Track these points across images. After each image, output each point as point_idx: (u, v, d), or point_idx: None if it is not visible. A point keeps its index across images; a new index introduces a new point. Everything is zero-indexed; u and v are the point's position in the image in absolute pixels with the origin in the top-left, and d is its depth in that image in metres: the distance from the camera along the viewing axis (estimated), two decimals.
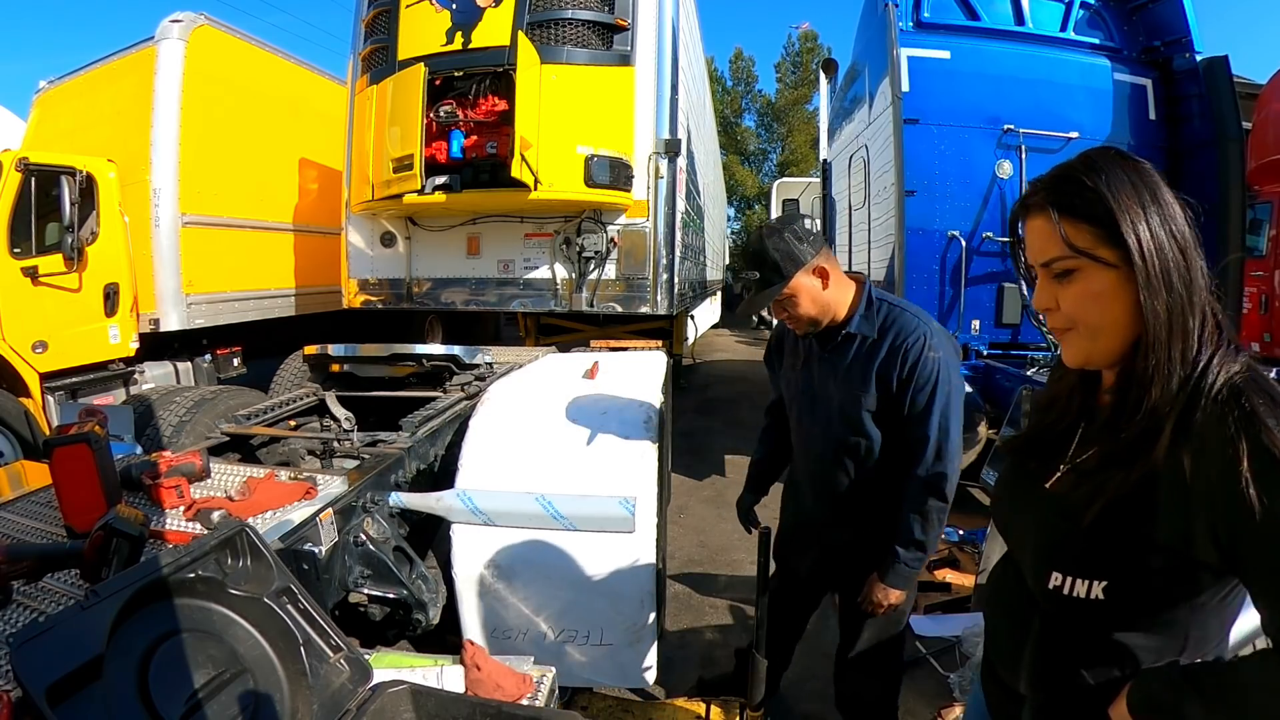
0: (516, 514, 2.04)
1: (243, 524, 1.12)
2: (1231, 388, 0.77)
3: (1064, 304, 0.86)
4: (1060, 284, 0.86)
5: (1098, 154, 0.85)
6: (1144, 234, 0.80)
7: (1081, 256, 0.82)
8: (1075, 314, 0.85)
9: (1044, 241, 0.85)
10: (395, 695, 1.12)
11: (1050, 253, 0.85)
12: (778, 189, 17.00)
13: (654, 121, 4.49)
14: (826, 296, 1.73)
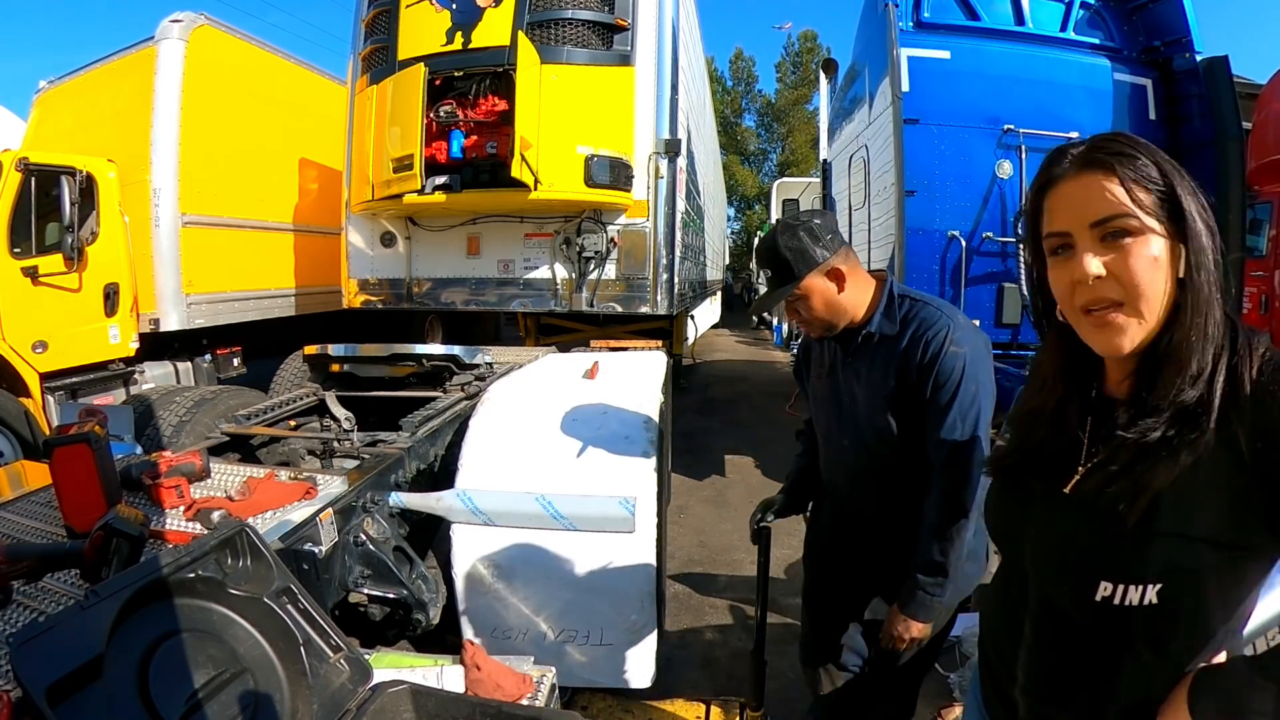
0: (516, 514, 2.04)
1: (243, 524, 1.12)
2: (1274, 363, 0.75)
3: (1119, 270, 0.76)
4: (1113, 248, 0.77)
5: (1127, 135, 0.80)
6: (1193, 206, 0.76)
7: (1148, 216, 0.75)
8: (1134, 280, 0.76)
9: (1099, 198, 0.77)
10: (395, 695, 1.12)
11: (1110, 209, 0.76)
12: (778, 189, 17.01)
13: (654, 121, 4.49)
14: (842, 299, 1.61)
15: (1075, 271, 0.79)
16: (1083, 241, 0.78)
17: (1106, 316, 0.79)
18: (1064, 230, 0.80)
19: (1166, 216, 0.76)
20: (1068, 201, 0.80)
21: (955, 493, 1.50)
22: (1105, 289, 0.78)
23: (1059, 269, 0.82)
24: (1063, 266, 0.82)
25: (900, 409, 1.58)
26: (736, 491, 5.10)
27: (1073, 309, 0.82)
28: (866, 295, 1.65)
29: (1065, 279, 0.81)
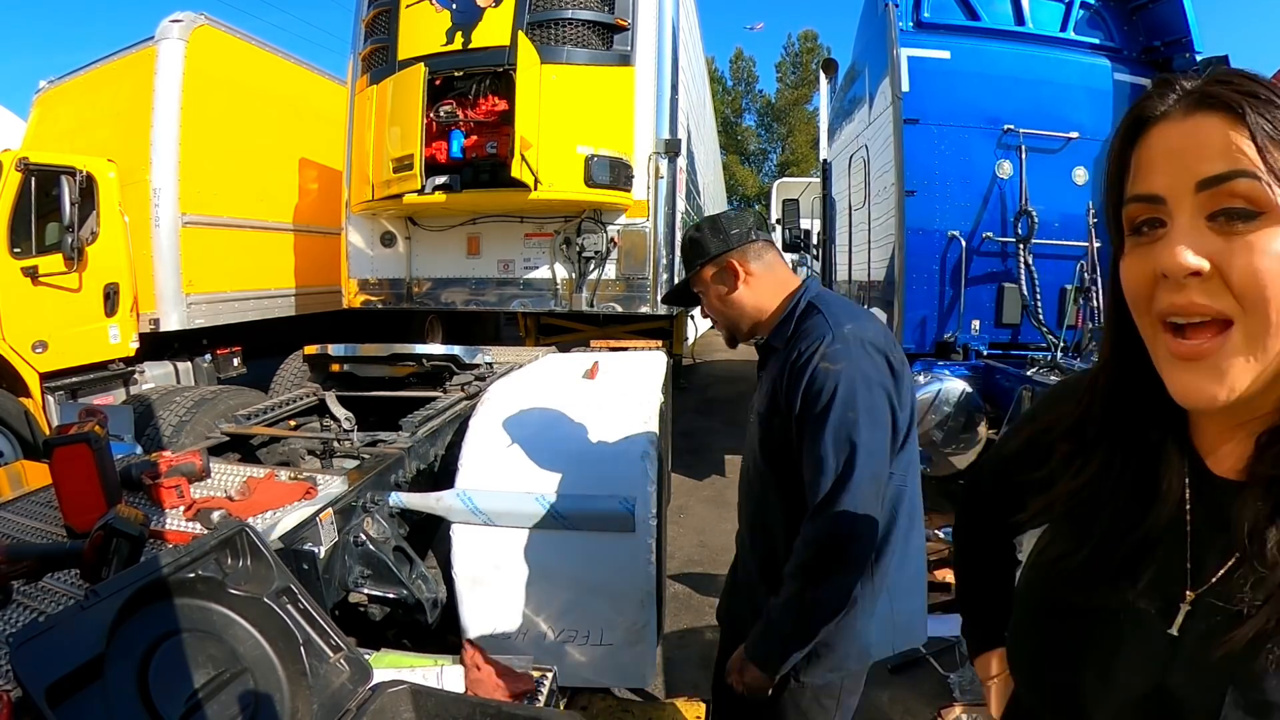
0: (516, 514, 2.04)
1: (243, 524, 1.12)
2: None
3: (1235, 267, 0.50)
4: (1228, 233, 0.51)
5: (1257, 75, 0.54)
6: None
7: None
8: (1258, 285, 0.49)
9: (1216, 150, 0.51)
10: (395, 695, 1.12)
11: (1232, 164, 0.50)
12: (778, 189, 17.00)
13: (654, 121, 4.49)
14: (737, 299, 1.46)
15: (1161, 259, 0.52)
16: (1182, 213, 0.52)
17: (1197, 340, 0.52)
18: (1154, 193, 0.54)
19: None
20: (1167, 151, 0.54)
21: (823, 535, 1.24)
22: (1204, 293, 0.51)
23: (1138, 255, 0.56)
24: (1144, 251, 0.55)
25: (771, 437, 1.37)
26: (736, 492, 5.10)
27: (1148, 317, 0.56)
28: (775, 300, 1.46)
29: (1143, 270, 0.55)
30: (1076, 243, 4.83)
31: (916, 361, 4.45)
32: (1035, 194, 4.63)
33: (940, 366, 4.30)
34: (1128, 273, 0.58)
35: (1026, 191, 4.60)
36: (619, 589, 2.05)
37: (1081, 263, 4.88)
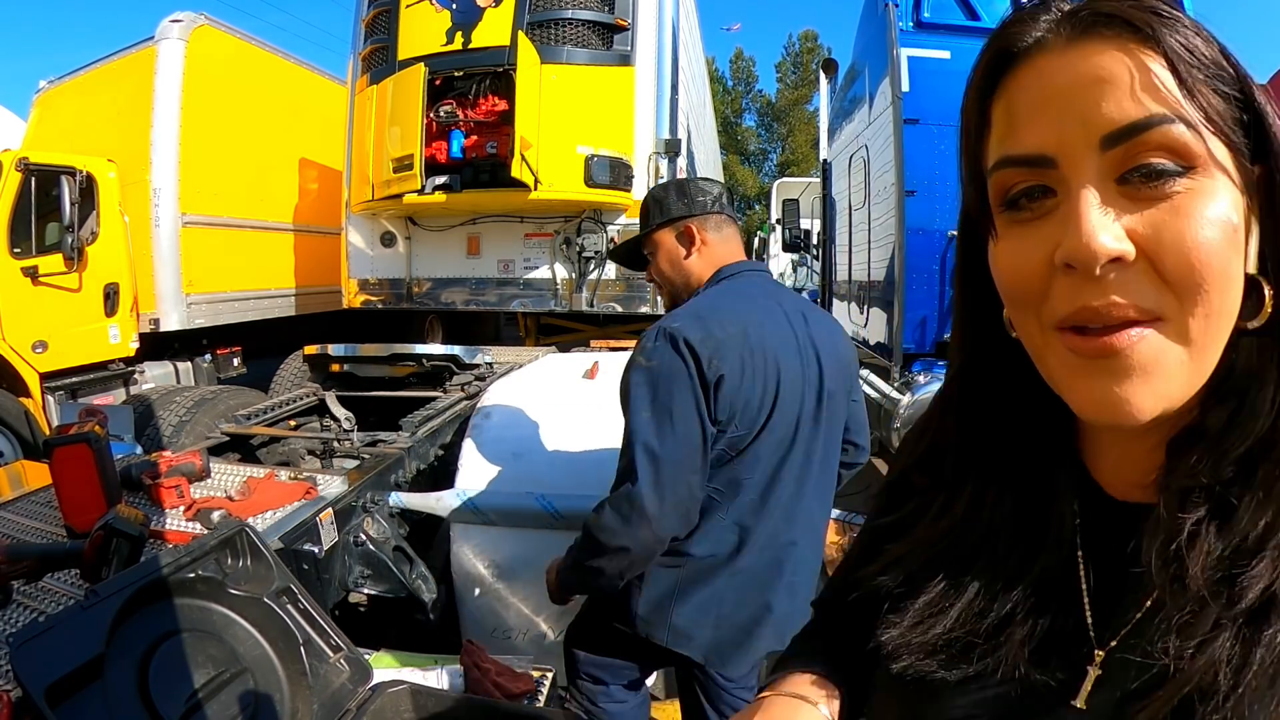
0: (516, 514, 2.04)
1: (243, 524, 1.12)
2: None
3: (1165, 243, 0.36)
4: (1146, 198, 0.37)
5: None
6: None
7: (1218, 141, 0.37)
8: (1195, 266, 0.36)
9: (1124, 88, 0.37)
10: (395, 695, 1.12)
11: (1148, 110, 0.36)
12: (778, 189, 17.00)
13: (654, 121, 4.49)
14: (688, 266, 1.45)
15: (1065, 244, 0.37)
16: (1083, 178, 0.38)
17: (1122, 344, 0.37)
18: (1039, 153, 0.39)
19: (1244, 151, 0.38)
20: (1050, 95, 0.39)
21: (591, 529, 1.29)
22: (1127, 287, 0.37)
23: (1018, 236, 0.41)
24: (1028, 232, 0.40)
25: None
26: None
27: (1037, 322, 0.41)
28: (709, 275, 1.46)
29: (1030, 258, 0.40)
30: None
31: (916, 361, 4.46)
32: None
33: (940, 366, 4.31)
34: (1004, 261, 0.42)
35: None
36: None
37: None
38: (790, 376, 1.35)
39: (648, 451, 1.24)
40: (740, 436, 1.31)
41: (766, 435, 1.33)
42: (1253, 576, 0.36)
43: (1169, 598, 0.39)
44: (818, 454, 1.41)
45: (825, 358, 1.41)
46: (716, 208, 1.48)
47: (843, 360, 1.47)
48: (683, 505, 1.27)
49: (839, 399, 1.45)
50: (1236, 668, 0.36)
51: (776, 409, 1.33)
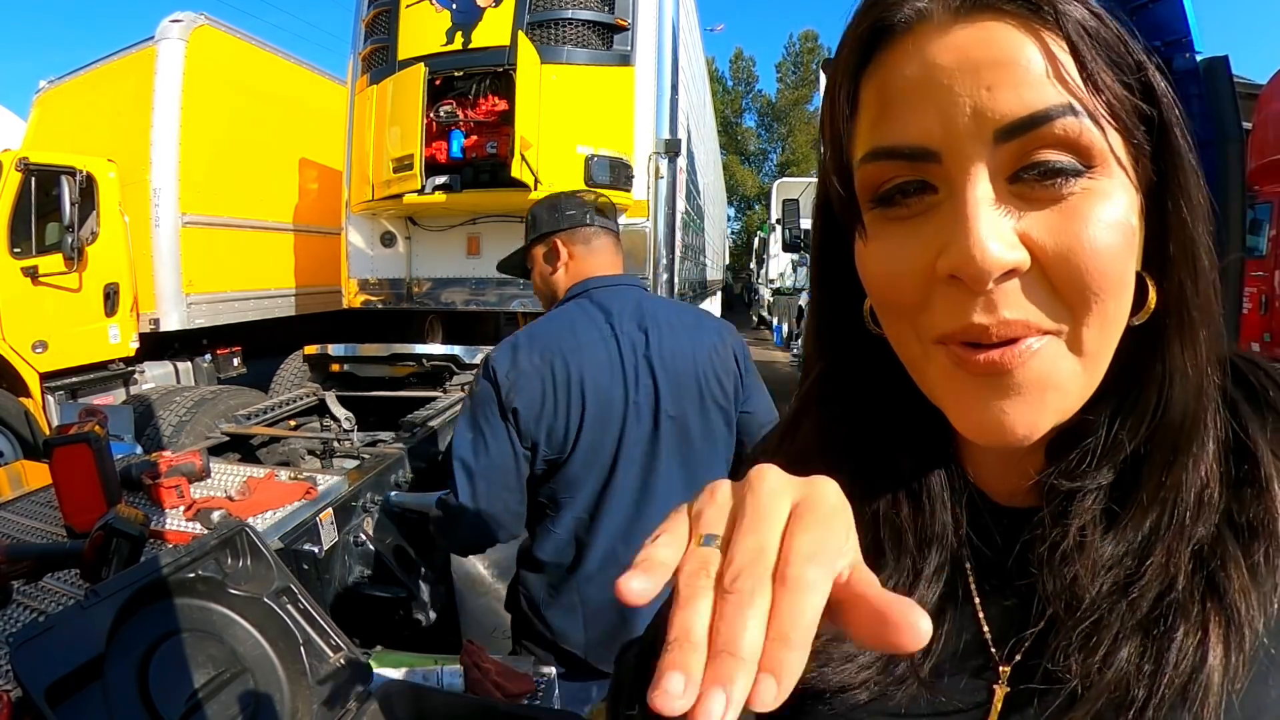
0: None
1: (243, 524, 1.12)
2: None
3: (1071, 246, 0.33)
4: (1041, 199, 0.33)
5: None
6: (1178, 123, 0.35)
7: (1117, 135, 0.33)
8: (1095, 274, 0.33)
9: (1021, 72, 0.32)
10: (395, 695, 1.12)
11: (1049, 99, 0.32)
12: (778, 189, 17.03)
13: (654, 121, 4.49)
14: (556, 281, 1.51)
15: (951, 252, 0.33)
16: (971, 175, 0.33)
17: (1013, 362, 0.34)
18: (921, 145, 0.34)
19: (1144, 147, 0.35)
20: (933, 78, 0.34)
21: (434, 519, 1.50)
22: (1020, 302, 0.33)
23: (892, 237, 0.36)
24: (905, 231, 0.36)
25: None
26: None
27: (913, 333, 0.37)
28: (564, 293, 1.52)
29: (909, 263, 0.36)
30: None
31: None
32: None
33: None
34: (876, 266, 0.37)
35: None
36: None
37: None
38: (602, 402, 1.38)
39: (465, 467, 1.37)
40: (553, 459, 1.39)
41: (579, 458, 1.39)
42: (1144, 583, 0.35)
43: (1063, 610, 0.36)
44: (666, 475, 1.42)
45: (664, 379, 1.41)
46: (589, 220, 1.50)
47: (695, 377, 1.45)
48: (502, 517, 1.39)
49: (690, 419, 1.44)
50: (1148, 678, 0.34)
51: (583, 434, 1.37)
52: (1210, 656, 0.33)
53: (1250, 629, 0.33)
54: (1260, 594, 0.34)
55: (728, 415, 1.50)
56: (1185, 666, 0.33)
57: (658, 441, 1.42)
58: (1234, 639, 0.33)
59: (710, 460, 1.48)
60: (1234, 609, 0.33)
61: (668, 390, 1.41)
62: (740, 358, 1.53)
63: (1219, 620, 0.34)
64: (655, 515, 1.39)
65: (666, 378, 1.42)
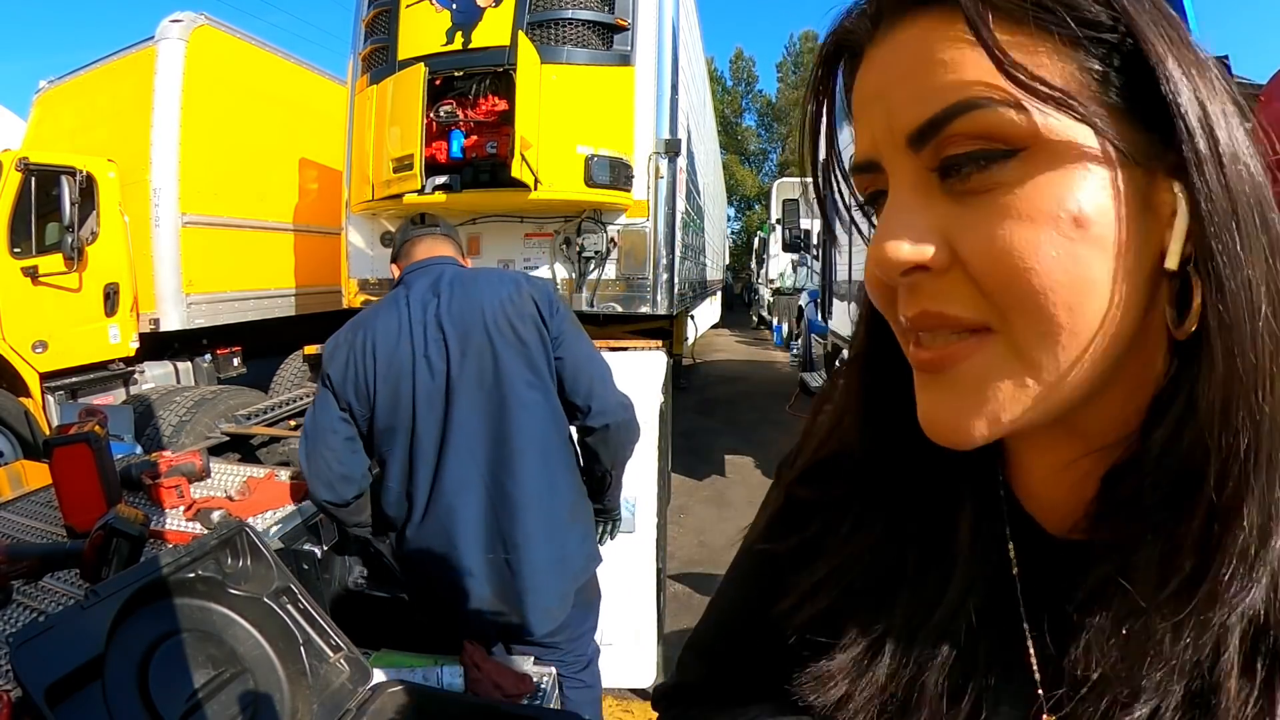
0: None
1: (243, 524, 1.12)
2: None
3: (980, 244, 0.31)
4: (975, 190, 0.31)
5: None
6: (1188, 91, 0.29)
7: (1052, 103, 0.29)
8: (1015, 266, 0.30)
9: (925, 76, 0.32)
10: (395, 695, 1.12)
11: (947, 97, 0.31)
12: (778, 189, 17.01)
13: (654, 121, 4.49)
14: None
15: (869, 252, 0.35)
16: (899, 178, 0.35)
17: (941, 360, 0.34)
18: (865, 159, 0.37)
19: (1123, 112, 0.30)
20: (865, 96, 0.36)
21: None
22: (944, 296, 0.33)
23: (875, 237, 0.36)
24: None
25: None
26: (736, 491, 5.11)
27: (893, 322, 0.37)
28: None
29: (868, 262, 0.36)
30: None
31: None
32: None
33: None
34: (866, 263, 0.37)
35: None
36: (619, 589, 2.05)
37: None
38: (390, 359, 1.58)
39: (304, 429, 1.63)
40: (366, 416, 1.61)
41: (382, 413, 1.59)
42: (1201, 643, 0.31)
43: (1103, 660, 0.32)
44: (464, 424, 1.58)
45: (452, 333, 1.58)
46: (407, 235, 1.77)
47: (484, 326, 1.59)
48: (322, 475, 1.57)
49: (484, 367, 1.58)
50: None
51: (378, 390, 1.58)
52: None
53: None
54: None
55: (529, 358, 1.60)
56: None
57: (452, 391, 1.57)
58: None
59: (515, 406, 1.59)
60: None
61: (456, 343, 1.57)
62: (542, 303, 1.63)
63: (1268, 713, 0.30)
64: (456, 463, 1.59)
65: (455, 331, 1.57)
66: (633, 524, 1.99)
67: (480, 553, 1.59)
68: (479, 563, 1.59)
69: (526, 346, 1.60)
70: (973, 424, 0.33)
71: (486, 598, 1.61)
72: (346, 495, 1.60)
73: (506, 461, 1.58)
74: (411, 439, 1.59)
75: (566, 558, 1.65)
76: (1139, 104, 0.30)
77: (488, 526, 1.59)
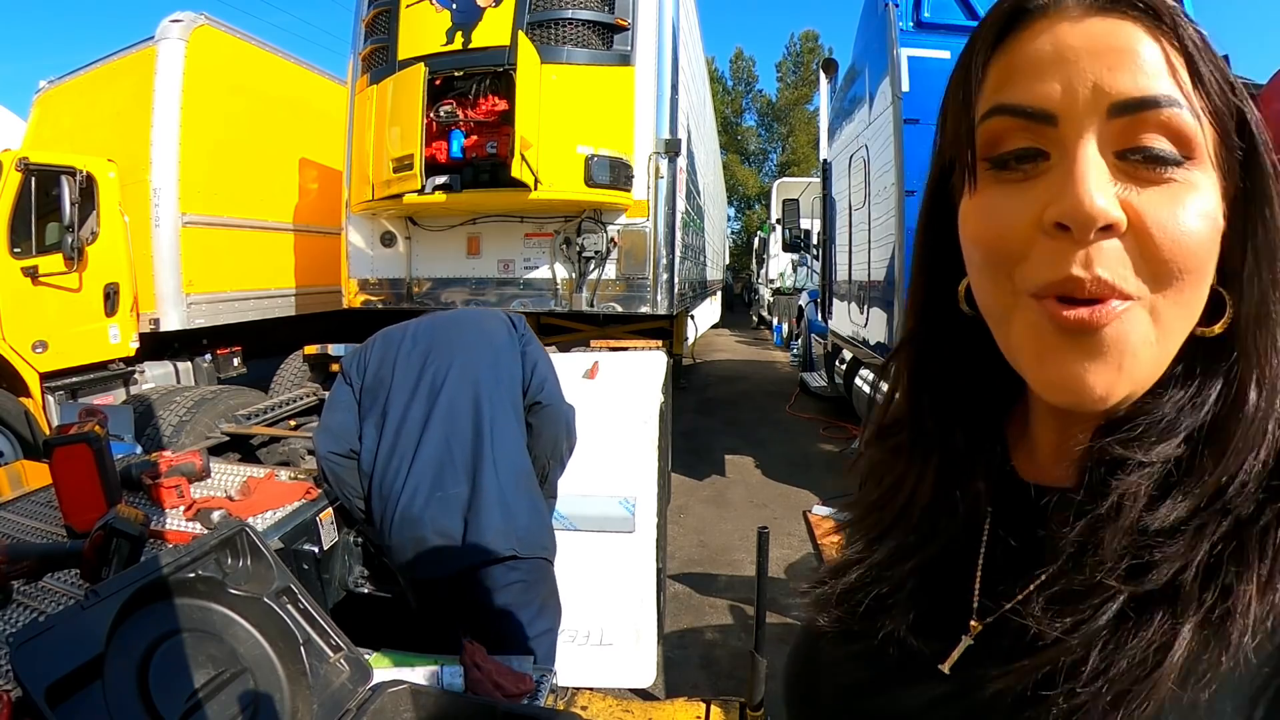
0: None
1: (243, 524, 1.12)
2: None
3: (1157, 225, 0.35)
4: (1144, 180, 0.36)
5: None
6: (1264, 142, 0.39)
7: (1214, 140, 0.37)
8: (1182, 251, 0.36)
9: (1141, 62, 0.36)
10: (395, 695, 1.12)
11: (1164, 88, 0.36)
12: (778, 189, 17.01)
13: (654, 121, 4.49)
14: None
15: (1062, 200, 0.36)
16: (1083, 140, 0.36)
17: (1102, 319, 0.36)
18: (1042, 107, 0.37)
19: (1237, 156, 0.38)
20: (1062, 53, 0.37)
21: None
22: (1112, 264, 0.35)
23: (1001, 194, 0.39)
24: (1014, 191, 0.38)
25: None
26: (736, 491, 5.10)
27: (1009, 284, 0.39)
28: None
29: (1016, 216, 0.38)
30: None
31: None
32: None
33: None
34: (982, 217, 0.39)
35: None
36: (619, 589, 2.05)
37: None
38: (388, 342, 1.95)
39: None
40: (359, 385, 1.92)
41: (370, 377, 1.91)
42: (1158, 565, 0.36)
43: (1071, 566, 0.38)
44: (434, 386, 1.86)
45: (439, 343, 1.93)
46: None
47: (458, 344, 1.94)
48: (329, 427, 1.87)
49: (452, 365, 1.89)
50: (1111, 650, 0.35)
51: (369, 362, 1.93)
52: (1168, 660, 0.34)
53: (1238, 645, 0.34)
54: (1264, 613, 0.34)
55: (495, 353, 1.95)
56: (1145, 661, 0.34)
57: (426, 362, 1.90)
58: (1215, 649, 0.34)
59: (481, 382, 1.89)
60: (1230, 619, 0.34)
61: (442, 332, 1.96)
62: (514, 318, 2.07)
63: (1205, 625, 0.35)
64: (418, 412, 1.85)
65: (444, 325, 2.00)
66: (633, 524, 1.99)
67: (430, 490, 1.77)
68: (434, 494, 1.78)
69: (494, 336, 1.97)
70: (1115, 387, 0.37)
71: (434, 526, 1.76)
72: (346, 445, 1.84)
73: (467, 413, 1.84)
74: (388, 393, 1.86)
75: (510, 509, 1.79)
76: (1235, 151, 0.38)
77: (442, 467, 1.79)
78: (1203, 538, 0.36)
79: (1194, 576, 0.35)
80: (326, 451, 1.83)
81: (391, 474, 1.79)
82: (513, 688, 1.26)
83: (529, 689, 1.28)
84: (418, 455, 1.79)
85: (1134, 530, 0.37)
